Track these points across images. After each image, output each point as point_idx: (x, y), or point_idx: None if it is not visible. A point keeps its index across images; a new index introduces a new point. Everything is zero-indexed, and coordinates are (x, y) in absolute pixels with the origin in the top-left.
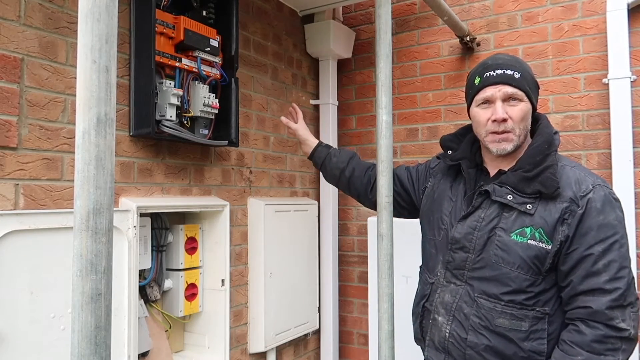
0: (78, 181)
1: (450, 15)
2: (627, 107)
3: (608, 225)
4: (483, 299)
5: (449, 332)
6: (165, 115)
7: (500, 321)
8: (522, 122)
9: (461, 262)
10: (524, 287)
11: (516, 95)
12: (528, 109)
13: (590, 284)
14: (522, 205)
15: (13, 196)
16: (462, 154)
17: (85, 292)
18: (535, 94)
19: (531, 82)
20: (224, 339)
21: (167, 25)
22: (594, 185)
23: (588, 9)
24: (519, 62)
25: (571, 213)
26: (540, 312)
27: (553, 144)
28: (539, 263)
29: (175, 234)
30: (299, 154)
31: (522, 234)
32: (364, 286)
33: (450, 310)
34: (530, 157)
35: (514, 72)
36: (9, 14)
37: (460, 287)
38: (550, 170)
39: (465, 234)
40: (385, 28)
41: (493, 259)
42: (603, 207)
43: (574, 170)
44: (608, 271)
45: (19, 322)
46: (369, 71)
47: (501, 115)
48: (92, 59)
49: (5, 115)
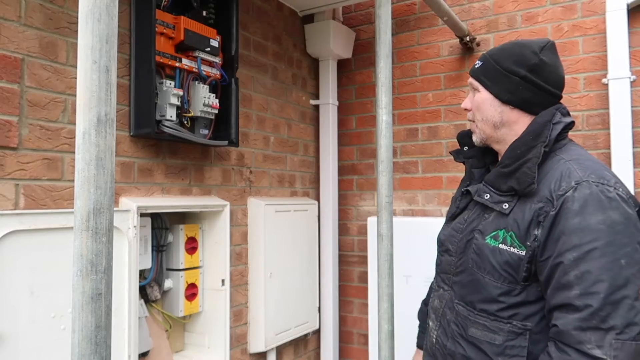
0: (78, 181)
1: (450, 15)
2: (627, 107)
3: (586, 229)
4: (461, 306)
5: (435, 337)
6: (165, 115)
7: (473, 331)
8: (478, 112)
9: (447, 265)
10: (495, 295)
11: (472, 85)
12: (482, 99)
13: (561, 299)
14: (498, 204)
15: (13, 196)
16: (473, 152)
17: (85, 292)
18: (500, 83)
19: (491, 71)
20: (224, 339)
21: (167, 25)
22: (579, 182)
23: (588, 9)
24: (493, 50)
25: (545, 215)
26: (518, 327)
27: (542, 135)
28: (512, 271)
29: (176, 234)
30: (299, 154)
31: (495, 238)
32: (364, 286)
33: (438, 315)
34: (511, 151)
35: (478, 62)
36: (9, 14)
37: (447, 292)
38: (528, 165)
39: (449, 237)
40: (385, 28)
41: (470, 263)
42: (583, 208)
43: (567, 164)
44: (580, 284)
45: (19, 322)
46: (369, 71)
47: (463, 104)
48: (92, 59)
49: (5, 115)
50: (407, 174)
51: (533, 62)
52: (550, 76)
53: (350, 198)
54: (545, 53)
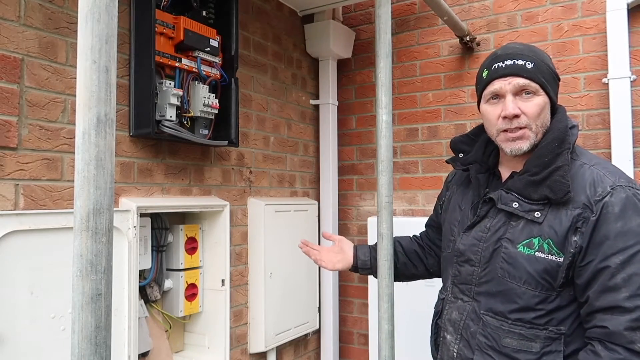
0: (78, 181)
1: (450, 15)
2: (627, 107)
3: (629, 233)
4: (489, 317)
5: (456, 351)
6: (165, 115)
7: (508, 341)
8: (539, 118)
9: (467, 276)
10: (533, 304)
11: (529, 88)
12: (544, 102)
13: (608, 301)
14: (529, 213)
15: (13, 196)
16: (473, 157)
17: (85, 292)
18: (554, 87)
19: (547, 73)
20: (224, 339)
21: (167, 25)
22: (613, 187)
23: (588, 8)
24: (533, 51)
25: (584, 220)
26: (554, 332)
27: (565, 141)
28: (550, 278)
29: (175, 234)
30: (299, 154)
31: (529, 245)
32: (364, 286)
33: (458, 328)
34: (537, 158)
35: (526, 62)
36: (9, 14)
37: (467, 303)
38: (559, 172)
39: (470, 246)
40: (385, 28)
41: (499, 272)
42: (623, 212)
43: (593, 169)
44: (628, 286)
45: (19, 322)
46: (369, 71)
47: (511, 110)
48: (92, 59)
49: (5, 115)
50: (407, 174)
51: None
52: None
53: (350, 198)
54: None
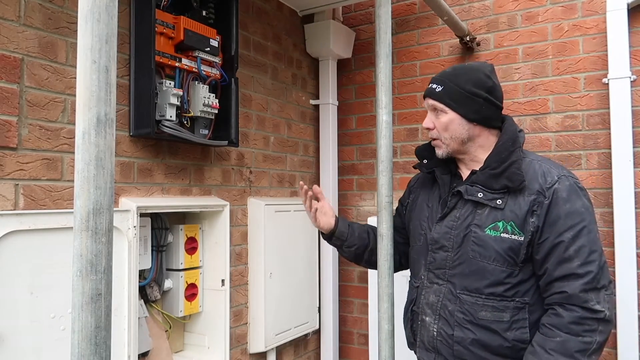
0: (78, 181)
1: (450, 15)
2: (627, 107)
3: (575, 213)
4: (465, 295)
5: (436, 330)
6: (165, 115)
7: (483, 314)
8: (446, 132)
9: (442, 261)
10: (502, 278)
11: (437, 107)
12: (450, 119)
13: (564, 270)
14: (492, 201)
15: (13, 196)
16: (436, 162)
17: (85, 292)
18: (468, 104)
19: (456, 94)
20: (224, 339)
21: (167, 25)
22: (559, 177)
23: (588, 8)
24: (448, 74)
25: (539, 204)
26: (520, 302)
27: (517, 141)
28: (514, 254)
29: (175, 234)
30: (299, 154)
31: (495, 228)
32: (364, 286)
33: (436, 309)
34: (496, 155)
35: (437, 86)
36: (9, 14)
37: (442, 286)
38: (515, 166)
39: (443, 234)
40: (385, 28)
41: (470, 254)
42: (569, 196)
43: (541, 163)
44: (579, 256)
45: (19, 322)
46: (369, 71)
47: (425, 124)
48: (92, 59)
49: (5, 115)
50: (407, 174)
51: (489, 85)
52: (500, 94)
53: (350, 198)
54: (494, 75)
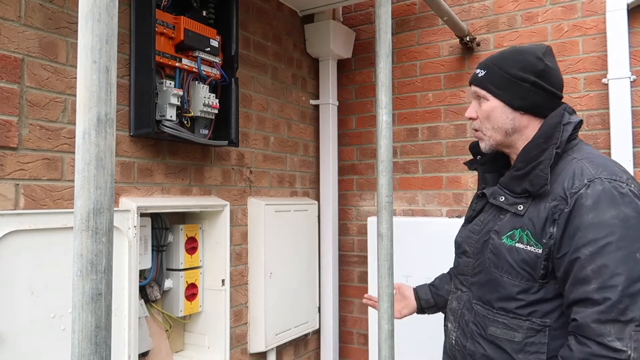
0: (78, 181)
1: (450, 15)
2: (627, 107)
3: (601, 225)
4: (479, 306)
5: (454, 339)
6: (165, 115)
7: (493, 329)
8: (487, 121)
9: (464, 267)
10: (514, 293)
11: (479, 94)
12: (492, 107)
13: (579, 293)
14: (513, 206)
15: (13, 196)
16: (486, 158)
17: (85, 292)
18: (511, 89)
19: (498, 79)
20: (224, 339)
21: (167, 25)
22: (591, 180)
23: (588, 9)
24: (494, 58)
25: (560, 212)
26: (537, 324)
27: (553, 137)
28: (529, 268)
29: (175, 234)
30: (299, 154)
31: (511, 237)
32: (364, 286)
33: (456, 317)
34: (524, 154)
35: (480, 71)
36: (9, 14)
37: (464, 293)
38: (540, 167)
39: (466, 238)
40: (385, 28)
41: (487, 263)
42: (596, 204)
43: (580, 162)
44: (598, 278)
45: (19, 322)
46: (369, 71)
47: (467, 113)
48: (92, 59)
49: (5, 115)
50: (407, 174)
51: (540, 68)
52: (555, 79)
53: (350, 198)
54: (548, 58)
